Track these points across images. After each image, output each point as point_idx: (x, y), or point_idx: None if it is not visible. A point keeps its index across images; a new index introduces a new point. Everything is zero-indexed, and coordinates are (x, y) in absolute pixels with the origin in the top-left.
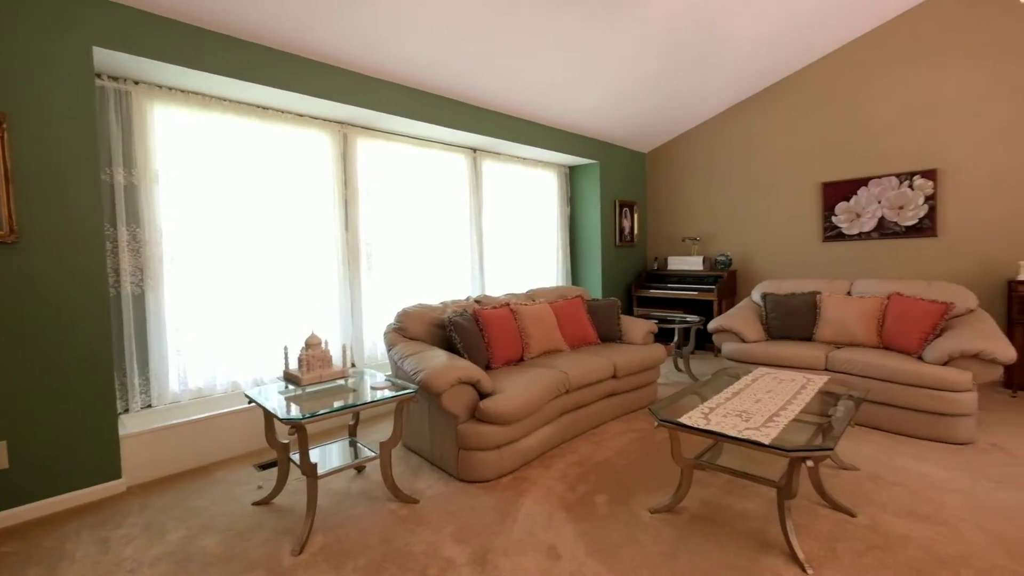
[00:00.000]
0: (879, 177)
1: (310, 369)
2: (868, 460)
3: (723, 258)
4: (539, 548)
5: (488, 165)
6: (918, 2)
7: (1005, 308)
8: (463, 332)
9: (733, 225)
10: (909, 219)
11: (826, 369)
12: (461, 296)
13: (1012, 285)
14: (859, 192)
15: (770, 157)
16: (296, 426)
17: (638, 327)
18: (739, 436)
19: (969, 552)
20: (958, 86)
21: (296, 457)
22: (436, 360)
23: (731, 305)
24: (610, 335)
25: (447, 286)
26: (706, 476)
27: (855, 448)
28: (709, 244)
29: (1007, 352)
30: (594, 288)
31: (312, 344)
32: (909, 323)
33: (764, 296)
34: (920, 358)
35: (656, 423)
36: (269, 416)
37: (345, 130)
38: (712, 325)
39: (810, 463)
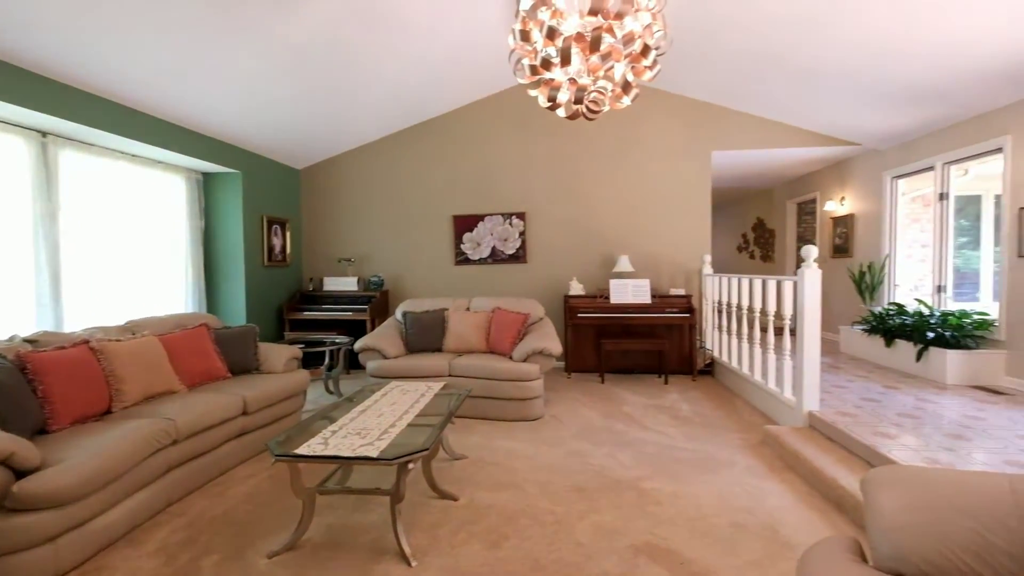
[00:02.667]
0: (492, 215)
1: None
2: (475, 447)
3: (376, 279)
4: None
5: (70, 157)
6: (515, 84)
7: (564, 315)
8: None
9: (386, 247)
10: (511, 249)
11: (450, 375)
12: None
13: (566, 298)
14: (479, 225)
15: (417, 186)
16: None
17: (279, 354)
18: (351, 455)
19: (527, 504)
20: (538, 150)
21: None
22: None
23: None
24: (245, 366)
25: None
26: (336, 499)
27: (466, 439)
28: (364, 265)
29: (557, 347)
30: (237, 313)
31: None
32: (505, 331)
33: (404, 314)
34: (511, 358)
35: (272, 460)
36: None
37: None
38: (358, 345)
39: (412, 466)
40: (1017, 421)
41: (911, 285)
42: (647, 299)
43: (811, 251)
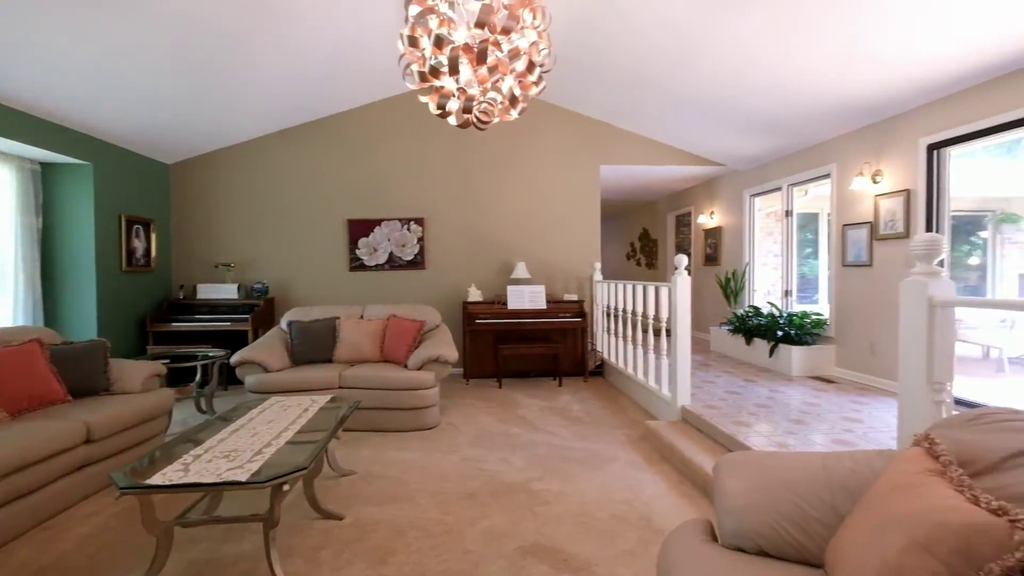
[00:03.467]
0: (389, 220)
1: None
2: (365, 461)
3: (260, 286)
4: None
5: None
6: (411, 89)
7: (462, 321)
8: None
9: (272, 251)
10: (409, 255)
11: (340, 387)
12: None
13: (465, 305)
14: (375, 230)
15: (308, 188)
16: None
17: (137, 371)
18: (216, 481)
19: (417, 516)
20: (438, 156)
21: None
22: None
23: None
24: (92, 387)
25: None
26: (202, 530)
27: (356, 453)
28: (246, 271)
29: (453, 354)
30: (86, 326)
31: None
32: (400, 339)
33: (290, 323)
34: (406, 366)
35: (117, 494)
36: None
37: None
38: (235, 358)
39: (288, 487)
40: (843, 405)
41: (766, 290)
42: (543, 305)
43: (682, 260)
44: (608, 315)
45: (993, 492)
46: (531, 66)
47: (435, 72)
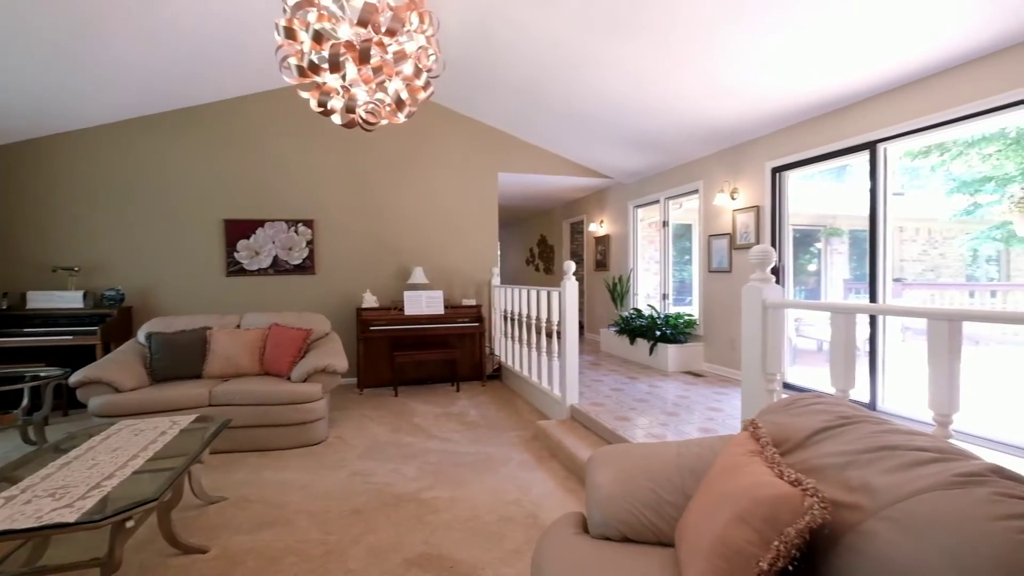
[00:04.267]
0: (274, 221)
1: None
2: (239, 484)
3: (113, 293)
4: None
5: None
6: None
7: (356, 329)
8: None
9: (131, 254)
10: (296, 259)
11: (211, 404)
12: None
13: (359, 311)
14: (258, 232)
15: (176, 183)
16: None
17: None
18: (34, 526)
19: (296, 540)
20: (331, 156)
21: None
22: None
23: None
24: None
25: None
26: None
27: (228, 476)
28: (95, 276)
29: (343, 364)
30: None
31: None
32: (282, 350)
33: (150, 336)
34: (289, 379)
35: None
36: None
37: None
38: (75, 378)
39: (132, 523)
40: (708, 397)
41: (648, 293)
42: (440, 310)
43: (570, 266)
44: (505, 319)
45: (798, 466)
46: (418, 71)
47: (315, 68)
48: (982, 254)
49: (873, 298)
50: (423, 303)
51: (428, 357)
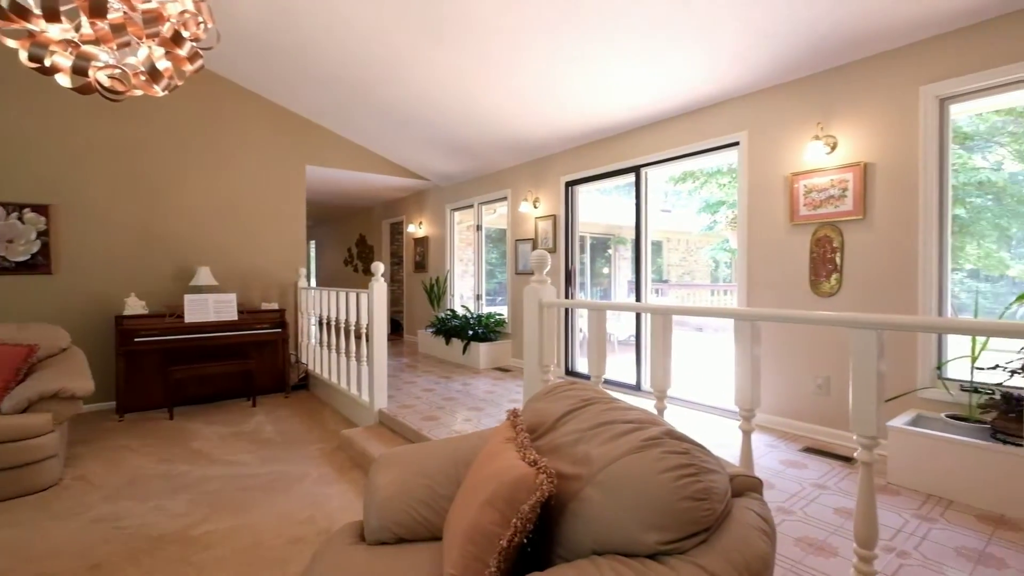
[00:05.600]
0: None
1: None
2: None
3: None
4: None
5: None
6: None
7: (114, 341)
8: None
9: None
10: (22, 254)
11: None
12: None
13: (119, 320)
14: None
15: None
16: None
17: None
18: None
19: None
20: (83, 126)
21: None
22: None
23: None
24: None
25: None
26: None
27: None
28: None
29: (84, 386)
30: None
31: None
32: None
33: None
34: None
35: None
36: None
37: None
38: None
39: None
40: (512, 390)
41: (464, 295)
42: (234, 316)
43: (378, 267)
44: (313, 324)
45: (545, 446)
46: (179, 37)
47: (20, 10)
48: (720, 261)
49: (639, 297)
50: (210, 308)
51: (216, 370)
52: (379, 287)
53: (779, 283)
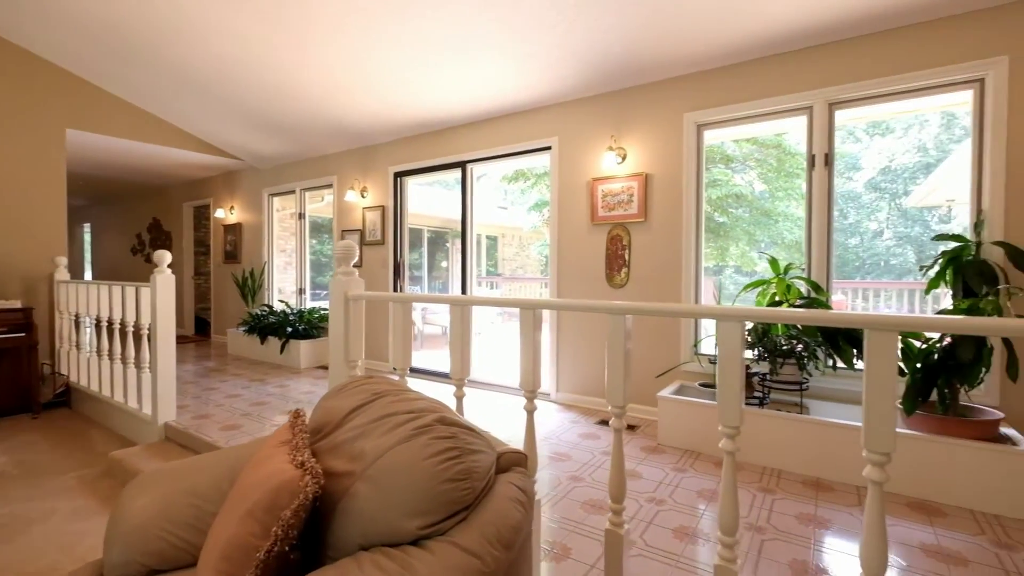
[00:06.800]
0: None
1: None
2: None
3: None
4: None
5: None
6: None
7: None
8: None
9: None
10: None
11: None
12: None
13: None
14: None
15: None
16: None
17: None
18: None
19: None
20: None
21: None
22: None
23: None
24: None
25: None
26: None
27: None
28: None
29: None
30: None
31: None
32: None
33: None
34: None
35: None
36: None
37: None
38: None
39: None
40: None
41: (279, 288)
42: None
43: (164, 256)
44: (78, 325)
45: (326, 445)
46: None
47: None
48: (546, 256)
49: (464, 289)
50: None
51: None
52: (164, 279)
53: (583, 276)
